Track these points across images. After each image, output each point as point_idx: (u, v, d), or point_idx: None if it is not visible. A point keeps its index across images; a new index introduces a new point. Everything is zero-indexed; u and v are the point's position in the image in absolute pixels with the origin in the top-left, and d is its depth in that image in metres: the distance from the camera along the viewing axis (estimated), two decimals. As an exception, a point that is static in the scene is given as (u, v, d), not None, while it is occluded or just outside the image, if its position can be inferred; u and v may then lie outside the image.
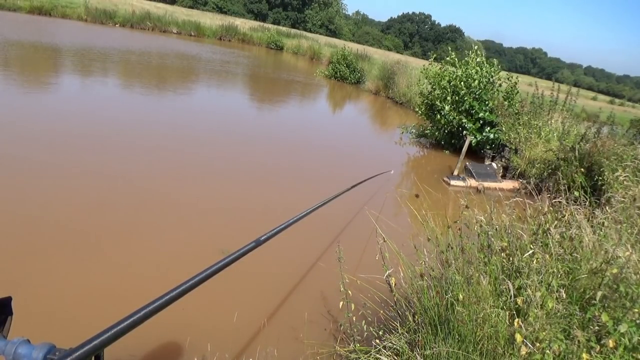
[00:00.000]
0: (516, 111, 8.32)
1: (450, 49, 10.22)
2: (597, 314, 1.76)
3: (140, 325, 0.84)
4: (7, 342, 0.71)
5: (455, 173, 7.42)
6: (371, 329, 2.39)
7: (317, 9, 64.44)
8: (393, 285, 2.44)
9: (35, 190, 4.18)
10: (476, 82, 8.78)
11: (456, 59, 9.36)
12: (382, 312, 2.60)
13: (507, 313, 1.96)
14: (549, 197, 2.81)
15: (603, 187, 5.46)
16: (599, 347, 1.69)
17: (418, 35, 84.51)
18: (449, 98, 8.96)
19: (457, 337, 2.02)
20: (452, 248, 2.46)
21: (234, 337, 2.71)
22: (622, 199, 3.42)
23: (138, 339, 1.76)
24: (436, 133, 9.46)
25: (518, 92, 9.16)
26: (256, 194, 5.16)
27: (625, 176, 4.52)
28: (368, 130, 11.63)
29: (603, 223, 2.61)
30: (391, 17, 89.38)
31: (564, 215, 2.52)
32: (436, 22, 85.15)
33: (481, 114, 8.66)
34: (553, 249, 2.22)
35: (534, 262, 2.09)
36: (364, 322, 2.36)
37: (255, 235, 1.43)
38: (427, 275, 2.39)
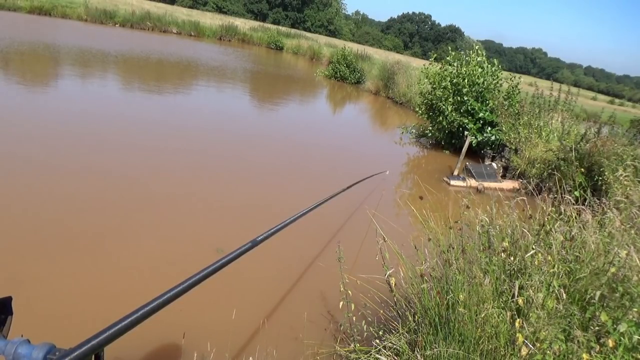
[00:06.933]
0: (516, 111, 8.31)
1: (450, 48, 10.20)
2: (596, 313, 1.76)
3: (140, 324, 0.84)
4: (7, 342, 0.71)
5: (456, 173, 7.42)
6: (371, 329, 2.39)
7: (316, 9, 64.39)
8: (393, 285, 2.43)
9: (35, 189, 4.18)
10: (481, 80, 8.76)
11: (458, 58, 9.34)
12: (382, 312, 2.60)
13: (508, 313, 1.95)
14: (550, 197, 2.81)
15: (603, 187, 5.46)
16: (598, 347, 1.69)
17: (418, 35, 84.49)
18: (450, 99, 8.95)
19: (457, 337, 2.02)
20: (453, 248, 2.46)
21: (234, 337, 2.70)
22: (622, 199, 3.41)
23: (138, 338, 1.76)
24: (436, 133, 9.45)
25: (519, 92, 9.14)
26: (254, 193, 5.15)
27: (625, 176, 4.52)
28: (368, 130, 11.62)
29: (604, 223, 2.61)
30: (391, 17, 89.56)
31: (566, 215, 2.52)
32: (436, 22, 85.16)
33: (481, 114, 8.65)
34: (554, 249, 2.22)
35: (536, 262, 2.09)
36: (364, 322, 2.36)
37: (253, 235, 1.42)
38: (427, 276, 2.39)
